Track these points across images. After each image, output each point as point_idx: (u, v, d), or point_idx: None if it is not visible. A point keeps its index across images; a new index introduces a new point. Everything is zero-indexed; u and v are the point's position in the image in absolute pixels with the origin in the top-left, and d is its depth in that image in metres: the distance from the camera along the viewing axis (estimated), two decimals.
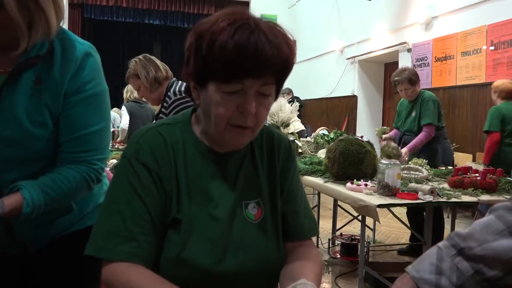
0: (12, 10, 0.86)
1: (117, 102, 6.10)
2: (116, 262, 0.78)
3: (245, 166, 0.91)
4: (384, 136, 3.77)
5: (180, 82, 2.64)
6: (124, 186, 0.83)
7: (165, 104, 2.56)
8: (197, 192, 0.86)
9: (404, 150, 3.46)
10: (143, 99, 3.47)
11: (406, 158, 3.41)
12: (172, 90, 2.56)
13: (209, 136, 0.88)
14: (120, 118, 5.02)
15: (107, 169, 1.33)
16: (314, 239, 3.89)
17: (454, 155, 3.84)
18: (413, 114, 3.57)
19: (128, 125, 4.42)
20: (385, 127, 3.89)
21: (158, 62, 2.66)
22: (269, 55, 0.77)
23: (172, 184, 0.85)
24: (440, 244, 0.73)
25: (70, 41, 1.02)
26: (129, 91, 4.56)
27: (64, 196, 1.02)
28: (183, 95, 2.50)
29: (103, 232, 0.80)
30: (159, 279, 0.77)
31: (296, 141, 3.54)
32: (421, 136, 3.48)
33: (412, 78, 3.49)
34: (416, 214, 3.50)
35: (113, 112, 6.95)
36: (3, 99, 0.96)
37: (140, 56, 2.66)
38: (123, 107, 4.51)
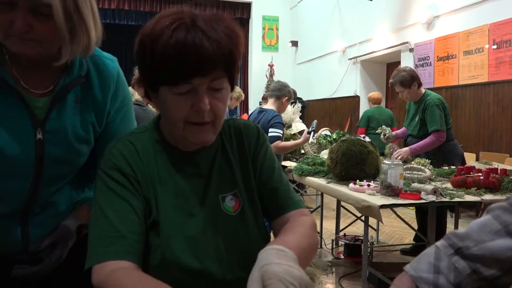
0: (60, 20, 0.85)
1: None
2: (107, 262, 0.76)
3: (217, 160, 0.92)
4: (387, 135, 3.68)
5: None
6: (105, 193, 0.83)
7: None
8: (172, 194, 0.86)
9: (404, 149, 3.43)
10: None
11: (400, 156, 3.35)
12: None
13: (178, 138, 0.89)
14: None
15: None
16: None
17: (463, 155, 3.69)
18: (417, 118, 3.46)
19: None
20: (384, 127, 3.83)
21: None
22: (209, 51, 0.77)
23: (148, 190, 0.85)
24: (438, 243, 0.74)
25: (99, 57, 1.04)
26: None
27: None
28: None
29: (94, 240, 0.80)
30: (154, 280, 0.75)
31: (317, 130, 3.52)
32: (428, 139, 3.34)
33: (404, 81, 3.37)
34: (423, 214, 3.47)
35: None
36: (51, 120, 0.96)
37: None
38: None
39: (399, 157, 3.36)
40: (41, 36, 0.87)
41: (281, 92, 3.50)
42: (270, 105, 3.54)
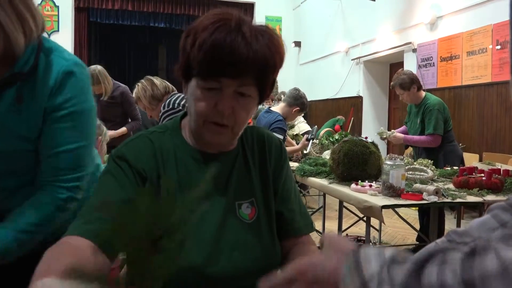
0: None
1: None
2: (73, 237, 0.74)
3: (237, 166, 0.92)
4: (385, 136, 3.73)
5: (177, 95, 2.74)
6: (106, 177, 0.84)
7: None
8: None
9: (398, 135, 3.59)
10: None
11: (394, 139, 3.54)
12: (164, 104, 2.68)
13: (197, 137, 0.90)
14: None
15: None
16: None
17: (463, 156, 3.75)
18: (418, 120, 3.54)
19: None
20: (382, 128, 3.87)
21: (157, 80, 2.85)
22: (243, 57, 0.79)
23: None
24: (438, 240, 0.78)
25: (56, 57, 1.01)
26: None
27: (37, 227, 0.99)
28: (170, 106, 2.61)
29: (79, 215, 0.80)
30: (66, 257, 0.68)
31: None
32: (424, 138, 3.47)
33: (403, 84, 3.46)
34: (423, 214, 3.50)
35: None
36: None
37: (142, 80, 2.88)
38: None
39: (392, 138, 3.59)
40: None
41: (294, 101, 3.43)
42: (278, 108, 3.49)
